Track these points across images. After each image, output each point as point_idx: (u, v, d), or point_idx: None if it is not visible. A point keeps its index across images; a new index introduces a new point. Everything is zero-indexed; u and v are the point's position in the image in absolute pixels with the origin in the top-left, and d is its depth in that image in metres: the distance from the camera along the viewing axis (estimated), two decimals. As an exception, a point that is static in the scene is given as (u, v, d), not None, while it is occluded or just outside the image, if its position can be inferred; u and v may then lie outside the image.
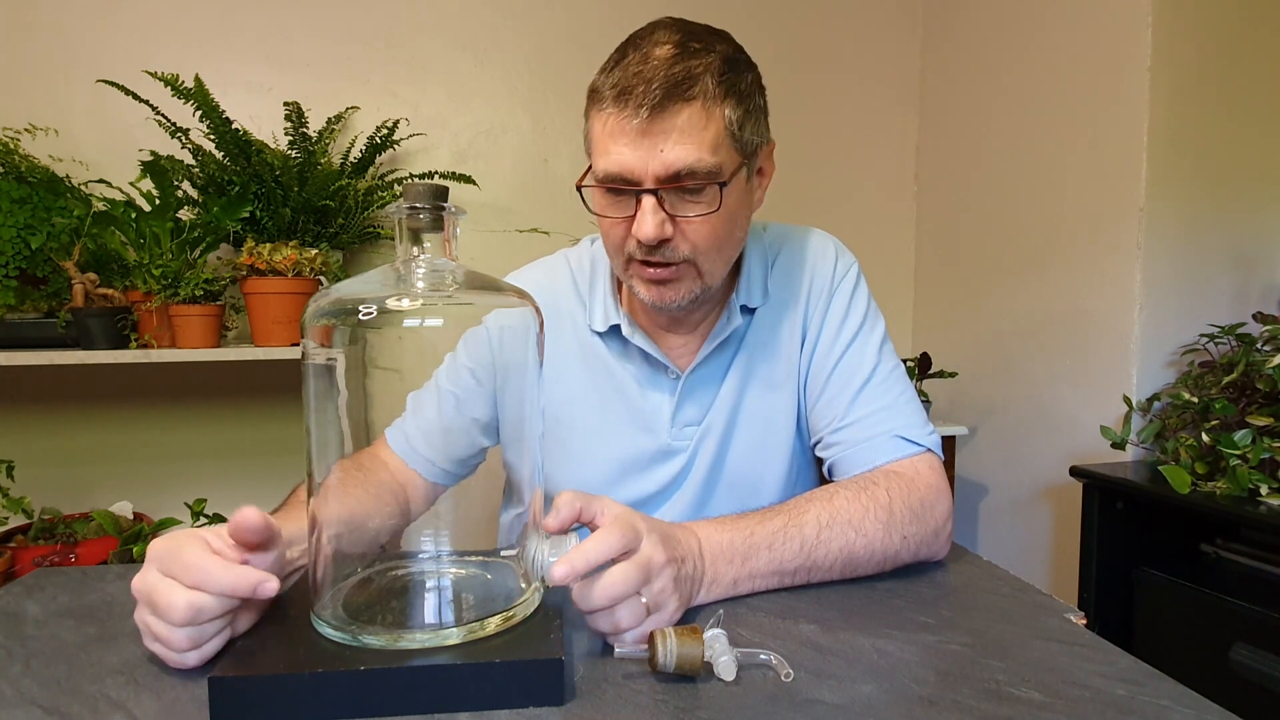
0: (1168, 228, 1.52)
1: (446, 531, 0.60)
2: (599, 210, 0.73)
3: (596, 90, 0.70)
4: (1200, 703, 0.47)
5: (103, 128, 1.67)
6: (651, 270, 0.71)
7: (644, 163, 0.66)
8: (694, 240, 0.70)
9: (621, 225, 0.71)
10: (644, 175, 0.67)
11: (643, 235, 0.68)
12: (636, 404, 0.82)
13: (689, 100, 0.66)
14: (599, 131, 0.70)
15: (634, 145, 0.66)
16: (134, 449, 1.74)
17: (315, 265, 1.51)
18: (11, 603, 0.62)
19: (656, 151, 0.66)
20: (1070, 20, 1.68)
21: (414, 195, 0.52)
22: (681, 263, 0.71)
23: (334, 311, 0.50)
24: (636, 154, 0.66)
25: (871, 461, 0.76)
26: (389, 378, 0.55)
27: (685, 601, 0.58)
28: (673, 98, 0.65)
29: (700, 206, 0.69)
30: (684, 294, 0.73)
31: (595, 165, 0.71)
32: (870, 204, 2.21)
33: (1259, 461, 1.25)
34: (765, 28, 2.05)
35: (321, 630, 0.49)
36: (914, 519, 0.70)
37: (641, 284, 0.74)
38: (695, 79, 0.66)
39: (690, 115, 0.66)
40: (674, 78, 0.65)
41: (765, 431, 0.83)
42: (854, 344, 0.81)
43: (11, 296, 1.40)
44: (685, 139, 0.66)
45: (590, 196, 0.74)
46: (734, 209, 0.72)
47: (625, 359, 0.83)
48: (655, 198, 0.67)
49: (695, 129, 0.66)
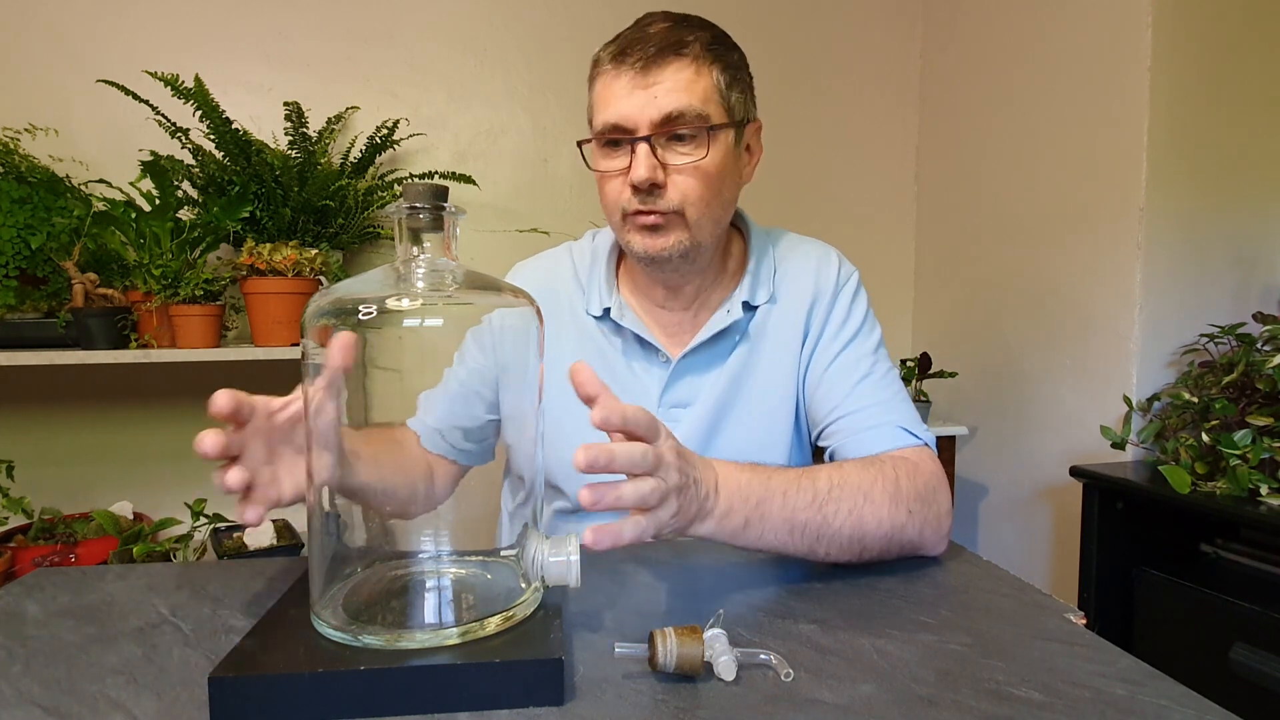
0: (1168, 228, 1.52)
1: (446, 531, 0.60)
2: (597, 166, 0.79)
3: (597, 60, 0.78)
4: (1200, 703, 0.47)
5: (103, 128, 1.67)
6: (643, 217, 0.76)
7: (640, 109, 0.73)
8: (684, 189, 0.75)
9: (618, 179, 0.77)
10: (639, 122, 0.74)
11: (636, 177, 0.74)
12: (626, 384, 0.86)
13: (681, 55, 0.74)
14: (599, 91, 0.77)
15: (630, 95, 0.74)
16: (134, 449, 1.74)
17: (315, 265, 1.51)
18: (11, 603, 0.62)
19: (651, 99, 0.73)
20: (1070, 20, 1.68)
21: (414, 195, 0.52)
22: (671, 212, 0.76)
23: (334, 311, 0.50)
24: (632, 102, 0.73)
25: (873, 447, 0.78)
26: (389, 378, 0.54)
27: (687, 520, 0.58)
28: (666, 52, 0.73)
29: (690, 154, 0.75)
30: (673, 242, 0.77)
31: (595, 121, 0.78)
32: (870, 204, 2.21)
33: (1259, 461, 1.25)
34: (765, 28, 2.05)
35: (321, 630, 0.49)
36: (919, 498, 0.70)
37: (635, 233, 0.78)
38: (687, 43, 0.74)
39: (680, 66, 0.74)
40: (668, 38, 0.74)
41: (762, 425, 0.85)
42: (852, 343, 0.85)
43: (11, 296, 1.40)
44: (677, 86, 0.73)
45: (590, 154, 0.80)
46: (721, 166, 0.77)
47: (617, 340, 0.87)
48: (648, 144, 0.74)
49: (686, 79, 0.74)
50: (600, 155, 0.78)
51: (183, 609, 0.60)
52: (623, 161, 0.76)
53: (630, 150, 0.74)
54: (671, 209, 0.75)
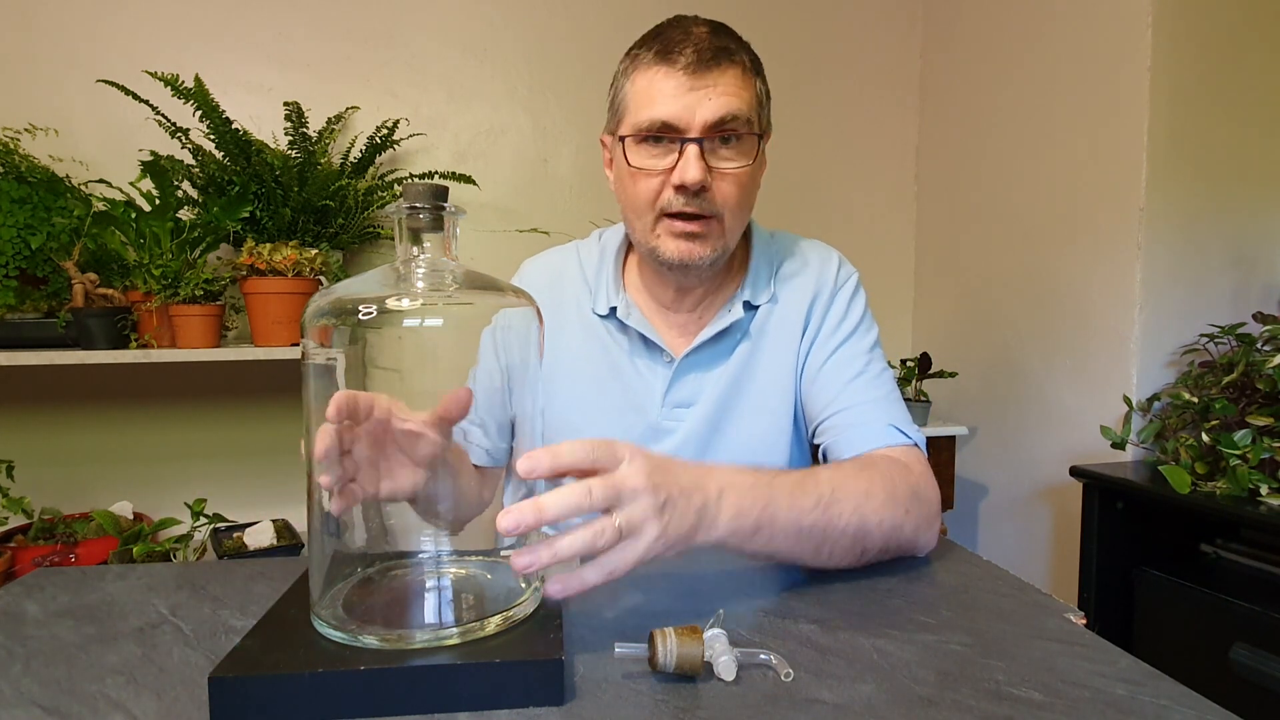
0: (1168, 228, 1.52)
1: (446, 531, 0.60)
2: (637, 163, 0.76)
3: (637, 55, 0.77)
4: (1200, 703, 0.47)
5: (103, 128, 1.67)
6: (683, 223, 0.76)
7: (691, 110, 0.73)
8: (726, 194, 0.76)
9: (657, 178, 0.76)
10: (690, 123, 0.73)
11: (688, 178, 0.72)
12: (630, 383, 0.86)
13: (734, 63, 0.74)
14: (643, 85, 0.75)
15: (683, 95, 0.73)
16: (134, 449, 1.74)
17: (315, 265, 1.51)
18: (11, 603, 0.62)
19: (705, 99, 0.72)
20: (1070, 20, 1.68)
21: (414, 195, 0.52)
22: (711, 217, 0.76)
23: (334, 311, 0.50)
24: (685, 102, 0.72)
25: (865, 445, 0.78)
26: (389, 378, 0.55)
27: (683, 534, 0.55)
28: (720, 58, 0.73)
29: (736, 160, 0.75)
30: (709, 250, 0.78)
31: (637, 117, 0.75)
32: (870, 204, 2.21)
33: (1259, 461, 1.25)
34: (765, 28, 2.05)
35: (321, 630, 0.49)
36: (913, 497, 0.71)
37: (671, 239, 0.77)
38: (734, 51, 0.75)
39: (735, 74, 0.74)
40: (717, 44, 0.74)
41: (763, 421, 0.86)
42: (848, 342, 0.85)
43: (11, 296, 1.40)
44: (731, 90, 0.73)
45: (629, 149, 0.77)
46: (757, 175, 0.79)
47: (623, 339, 0.87)
48: (699, 146, 0.73)
49: (738, 85, 0.74)
50: (640, 152, 0.76)
51: (183, 609, 0.60)
52: (666, 161, 0.75)
53: (678, 150, 0.73)
54: (713, 213, 0.76)
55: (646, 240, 0.80)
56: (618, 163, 0.80)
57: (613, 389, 0.86)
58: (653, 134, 0.74)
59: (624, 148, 0.77)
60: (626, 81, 0.77)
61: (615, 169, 0.82)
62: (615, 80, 0.80)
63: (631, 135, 0.76)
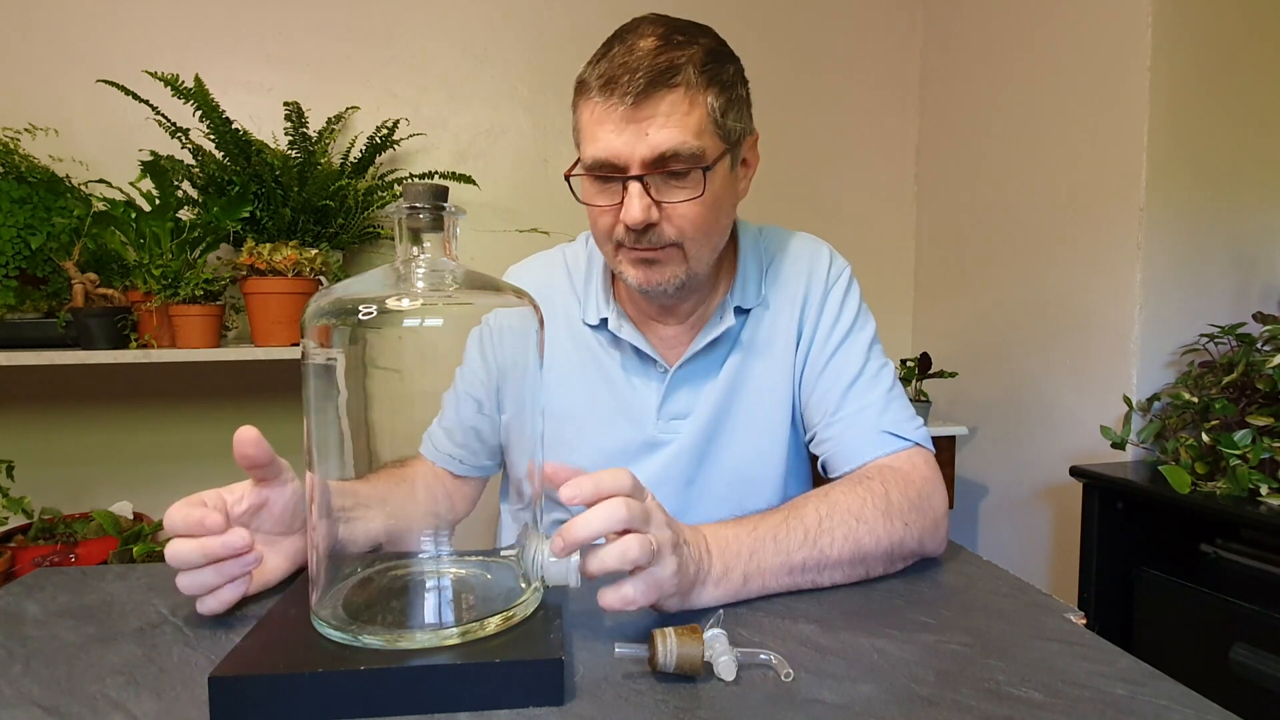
0: (1168, 228, 1.52)
1: (446, 531, 0.60)
2: (587, 199, 0.75)
3: (584, 82, 0.72)
4: (1200, 703, 0.47)
5: (103, 128, 1.67)
6: (640, 252, 0.73)
7: (630, 147, 0.68)
8: (679, 225, 0.72)
9: (610, 213, 0.73)
10: (630, 160, 0.69)
11: (629, 219, 0.70)
12: (624, 396, 0.84)
13: (672, 87, 0.68)
14: (586, 120, 0.72)
15: (619, 131, 0.68)
16: (134, 449, 1.74)
17: (315, 265, 1.51)
18: (11, 603, 0.62)
19: (642, 135, 0.68)
20: (1070, 20, 1.68)
21: (413, 195, 0.52)
22: (668, 246, 0.73)
23: (334, 311, 0.50)
24: (622, 139, 0.68)
25: (862, 456, 0.77)
26: (389, 378, 0.54)
27: (686, 585, 0.56)
28: (656, 85, 0.67)
29: (685, 191, 0.71)
30: (669, 277, 0.75)
31: (583, 153, 0.73)
32: (870, 204, 2.21)
33: (1259, 461, 1.25)
34: (765, 28, 2.05)
35: (321, 630, 0.49)
36: (913, 508, 0.70)
37: (630, 267, 0.75)
38: (678, 68, 0.68)
39: (674, 100, 0.68)
40: (658, 66, 0.67)
41: (759, 430, 0.84)
42: (844, 343, 0.83)
43: (11, 296, 1.40)
44: (669, 123, 0.68)
45: (578, 185, 0.75)
46: (718, 195, 0.73)
47: (615, 352, 0.85)
48: (641, 183, 0.69)
49: (679, 113, 0.68)
50: (590, 189, 0.74)
51: (183, 609, 0.60)
52: (614, 197, 0.72)
53: (622, 188, 0.70)
54: (668, 243, 0.73)
55: (614, 266, 0.78)
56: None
57: (606, 401, 0.84)
58: (596, 171, 0.71)
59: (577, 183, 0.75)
60: (576, 111, 0.74)
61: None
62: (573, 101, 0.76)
63: (580, 173, 0.74)
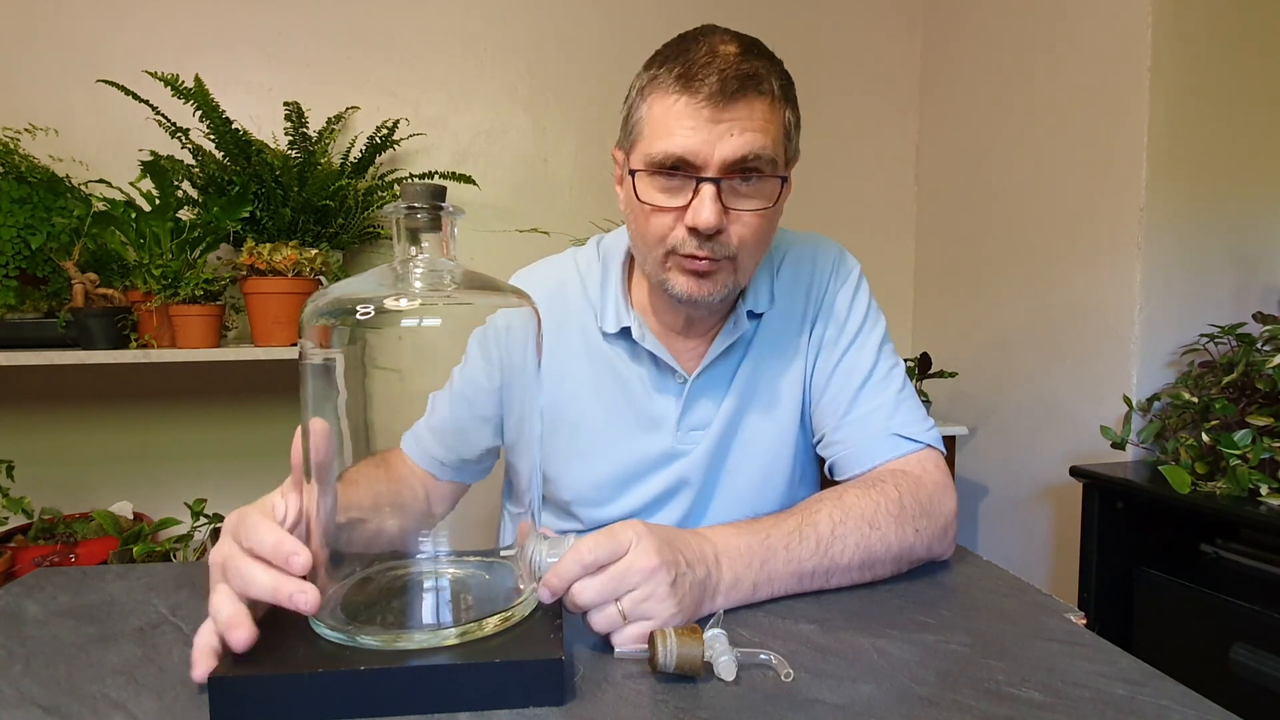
0: (1168, 228, 1.52)
1: (445, 531, 0.60)
2: (647, 198, 0.70)
3: (657, 76, 0.69)
4: (1200, 703, 0.47)
5: (103, 128, 1.67)
6: (695, 262, 0.70)
7: (710, 146, 0.66)
8: (742, 235, 0.70)
9: (669, 215, 0.70)
10: (708, 161, 0.66)
11: (701, 222, 0.67)
12: (643, 406, 0.82)
13: (761, 94, 0.67)
14: (659, 112, 0.68)
15: (702, 129, 0.66)
16: (134, 449, 1.74)
17: (315, 265, 1.51)
18: (11, 603, 0.62)
19: (726, 136, 0.66)
20: (1070, 21, 1.68)
21: (411, 195, 0.52)
22: (723, 258, 0.71)
23: (331, 311, 0.50)
24: (704, 137, 0.66)
25: (872, 460, 0.76)
26: (387, 377, 0.54)
27: (693, 606, 0.56)
28: (747, 88, 0.66)
29: (755, 201, 0.69)
30: (720, 288, 0.72)
31: (651, 148, 0.69)
32: (870, 204, 2.21)
33: (1259, 461, 1.25)
34: (765, 28, 2.03)
35: (320, 631, 0.49)
36: (924, 514, 0.70)
37: (681, 276, 0.72)
38: (763, 77, 0.67)
39: (762, 106, 0.67)
40: (745, 71, 0.66)
41: (772, 435, 0.83)
42: (854, 344, 0.82)
43: (11, 296, 1.40)
44: (755, 127, 0.66)
45: (639, 182, 0.71)
46: (779, 213, 0.73)
47: (633, 361, 0.82)
48: (715, 186, 0.67)
49: (764, 120, 0.67)
50: (651, 186, 0.70)
51: (183, 609, 0.60)
52: (680, 198, 0.68)
53: (693, 188, 0.67)
54: (726, 255, 0.70)
55: (656, 273, 0.74)
56: (627, 191, 0.73)
57: (623, 412, 0.82)
58: (666, 168, 0.68)
59: (634, 179, 0.71)
60: (643, 103, 0.70)
61: (625, 195, 0.75)
62: (630, 95, 0.73)
63: (643, 169, 0.70)
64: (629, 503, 0.83)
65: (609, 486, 0.83)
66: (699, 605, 0.57)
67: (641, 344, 0.80)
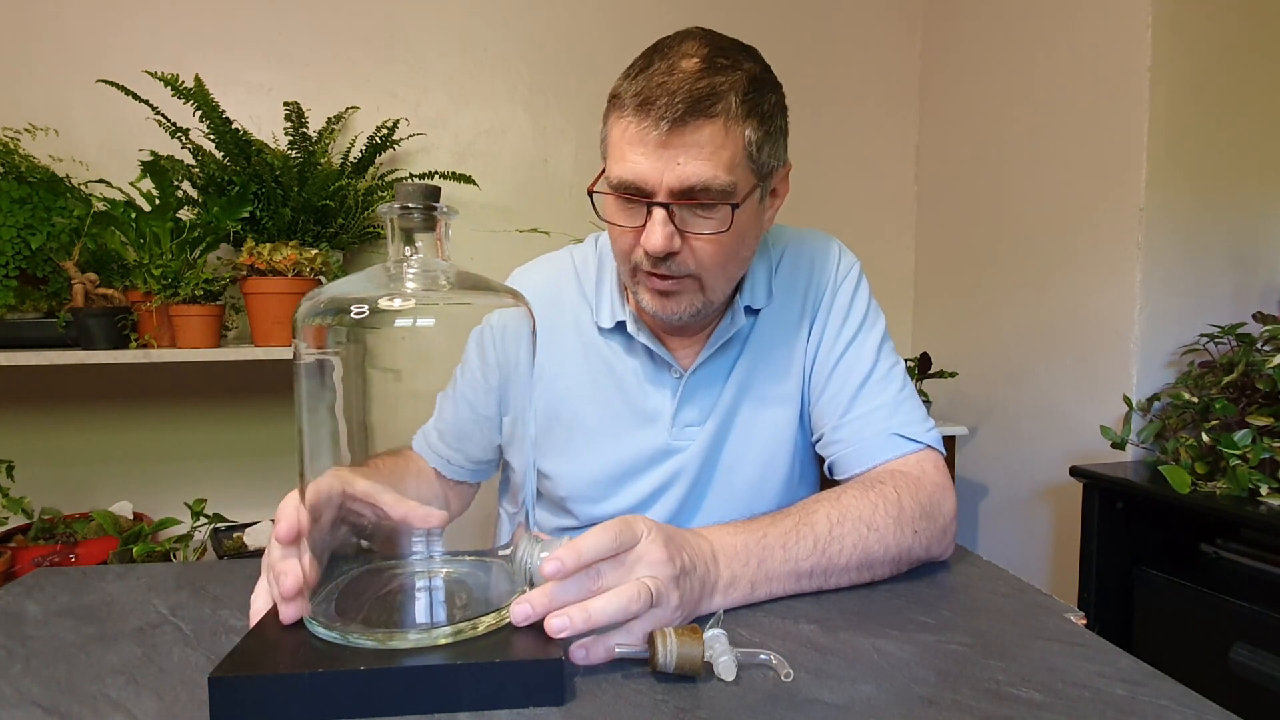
0: (1168, 228, 1.52)
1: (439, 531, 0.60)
2: (609, 217, 0.73)
3: (618, 96, 0.69)
4: (1200, 703, 0.47)
5: (103, 128, 1.67)
6: (656, 280, 0.72)
7: (659, 174, 0.66)
8: (700, 257, 0.70)
9: (631, 234, 0.71)
10: (657, 187, 0.67)
11: (650, 247, 0.68)
12: (638, 402, 0.82)
13: (711, 117, 0.65)
14: (617, 137, 0.69)
15: (651, 156, 0.66)
16: (134, 449, 1.74)
17: (315, 265, 1.51)
18: (11, 603, 0.62)
19: (673, 164, 0.66)
20: (1070, 21, 1.68)
21: (405, 195, 0.52)
22: (685, 276, 0.71)
23: (325, 311, 0.50)
24: (652, 164, 0.66)
25: (871, 460, 0.76)
26: (382, 378, 0.54)
27: (693, 604, 0.56)
28: (695, 113, 0.65)
29: (711, 224, 0.69)
30: (685, 307, 0.74)
31: (610, 170, 0.70)
32: (870, 204, 2.21)
33: (1259, 461, 1.25)
34: (765, 28, 2.05)
35: (313, 630, 0.49)
36: (923, 515, 0.70)
37: (646, 293, 0.74)
38: (719, 96, 0.65)
39: (711, 132, 0.66)
40: (698, 92, 0.65)
41: (769, 432, 0.83)
42: (854, 343, 0.82)
43: (11, 296, 1.40)
44: (703, 155, 0.66)
45: (601, 203, 0.73)
46: (744, 229, 0.72)
47: (629, 356, 0.83)
48: (666, 211, 0.67)
49: (714, 146, 0.66)
50: (614, 207, 0.72)
51: (183, 609, 0.60)
52: (636, 219, 0.70)
53: (646, 211, 0.68)
54: (686, 273, 0.71)
55: (630, 286, 0.77)
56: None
57: (618, 407, 0.83)
58: (622, 191, 0.69)
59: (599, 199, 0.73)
60: (607, 124, 0.71)
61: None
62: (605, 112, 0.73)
63: (604, 189, 0.71)
64: (624, 499, 0.83)
65: (604, 483, 0.83)
66: (698, 604, 0.57)
67: (637, 338, 0.80)
